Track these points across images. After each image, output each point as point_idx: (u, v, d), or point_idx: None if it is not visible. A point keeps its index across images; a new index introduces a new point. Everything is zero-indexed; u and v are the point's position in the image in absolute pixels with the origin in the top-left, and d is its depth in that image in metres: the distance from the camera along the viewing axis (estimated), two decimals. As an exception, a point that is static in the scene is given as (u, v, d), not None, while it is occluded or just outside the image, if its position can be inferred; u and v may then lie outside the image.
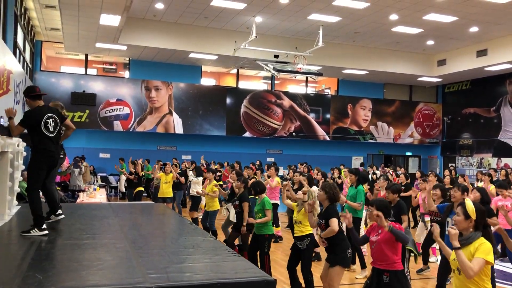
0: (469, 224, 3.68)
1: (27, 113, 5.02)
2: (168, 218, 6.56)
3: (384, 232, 4.40)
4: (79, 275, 3.32)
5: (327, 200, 5.32)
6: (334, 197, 5.33)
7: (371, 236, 4.59)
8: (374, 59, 18.76)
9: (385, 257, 4.40)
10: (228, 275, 3.43)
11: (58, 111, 5.24)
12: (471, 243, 3.59)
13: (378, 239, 4.46)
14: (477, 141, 21.18)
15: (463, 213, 3.72)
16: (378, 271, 4.44)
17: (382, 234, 4.43)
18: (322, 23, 15.20)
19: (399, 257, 4.44)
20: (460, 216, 3.72)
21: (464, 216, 3.70)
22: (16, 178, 6.49)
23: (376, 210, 4.49)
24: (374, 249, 4.52)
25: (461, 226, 3.69)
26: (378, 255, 4.45)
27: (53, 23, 15.51)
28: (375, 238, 4.50)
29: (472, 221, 3.67)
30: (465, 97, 21.86)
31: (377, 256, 4.46)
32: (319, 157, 20.68)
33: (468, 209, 3.70)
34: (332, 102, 21.51)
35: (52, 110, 5.10)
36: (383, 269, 4.40)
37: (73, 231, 5.09)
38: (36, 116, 4.93)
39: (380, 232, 4.46)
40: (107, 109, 18.19)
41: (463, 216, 3.71)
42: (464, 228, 3.68)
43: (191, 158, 18.43)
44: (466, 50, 18.08)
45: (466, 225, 3.68)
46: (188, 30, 16.23)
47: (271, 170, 10.60)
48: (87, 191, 12.18)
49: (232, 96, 19.94)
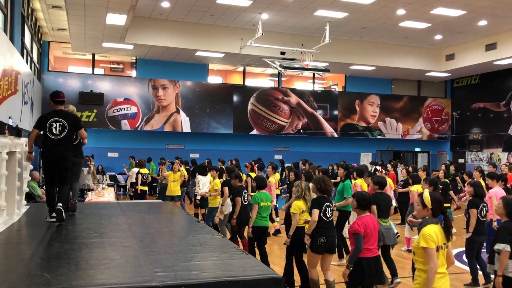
0: (427, 212, 4.10)
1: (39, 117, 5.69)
2: (176, 217, 6.56)
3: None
4: (87, 274, 3.32)
5: (318, 191, 5.74)
6: (324, 189, 5.72)
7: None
8: (382, 55, 18.65)
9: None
10: (236, 273, 3.42)
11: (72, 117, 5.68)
12: (421, 228, 4.04)
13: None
14: (487, 136, 20.99)
15: (421, 203, 4.14)
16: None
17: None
18: (328, 19, 15.12)
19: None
20: (419, 206, 4.16)
21: (422, 205, 4.13)
22: (25, 178, 6.53)
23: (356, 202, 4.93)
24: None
25: (421, 214, 4.16)
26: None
27: (60, 24, 15.58)
28: None
29: (429, 209, 4.08)
30: (474, 91, 21.66)
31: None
32: (327, 154, 20.61)
33: (425, 199, 4.11)
34: (340, 99, 21.41)
35: (62, 115, 5.54)
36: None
37: (81, 230, 5.11)
38: (42, 119, 5.52)
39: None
40: (115, 108, 18.25)
41: (421, 205, 4.14)
42: (423, 216, 4.12)
43: (199, 157, 18.48)
44: (475, 44, 17.90)
45: (425, 214, 4.12)
46: (194, 28, 16.23)
47: (268, 168, 10.87)
48: (96, 190, 12.23)
49: (239, 94, 19.92)
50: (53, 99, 5.63)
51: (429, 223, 4.00)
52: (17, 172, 5.79)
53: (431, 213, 4.07)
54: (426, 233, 3.93)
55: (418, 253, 3.99)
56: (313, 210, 5.64)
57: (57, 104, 5.63)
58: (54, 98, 5.63)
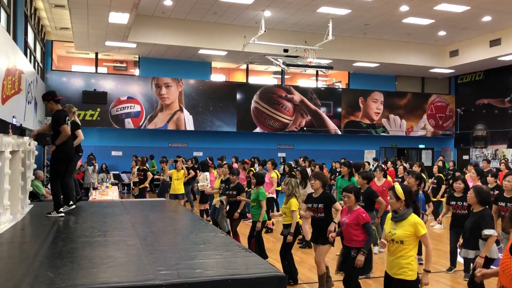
0: (400, 204, 4.37)
1: (62, 112, 5.81)
2: (180, 215, 6.56)
3: (351, 216, 5.16)
4: (90, 272, 3.32)
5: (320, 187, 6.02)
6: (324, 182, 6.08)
7: (341, 218, 5.33)
8: (385, 52, 18.57)
9: (352, 237, 5.13)
10: (239, 271, 3.41)
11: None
12: (406, 218, 4.33)
13: (347, 222, 5.18)
14: (492, 132, 20.90)
15: (394, 196, 4.39)
16: (347, 248, 5.19)
17: (349, 218, 5.18)
18: (331, 16, 15.07)
19: (363, 237, 5.10)
20: (392, 199, 4.41)
21: (395, 198, 4.38)
22: (28, 177, 6.54)
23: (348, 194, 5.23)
24: (344, 229, 5.23)
25: (395, 206, 4.40)
26: (347, 235, 5.20)
27: (63, 23, 15.59)
28: (345, 220, 5.21)
29: (402, 201, 4.36)
30: (479, 88, 21.56)
31: (347, 236, 5.21)
32: (331, 151, 20.58)
33: (397, 191, 4.37)
34: (343, 96, 21.36)
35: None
36: (352, 247, 5.12)
37: (85, 228, 5.11)
38: (63, 116, 5.77)
39: (348, 216, 5.21)
40: (118, 107, 18.28)
41: (394, 198, 4.39)
42: (397, 208, 4.39)
43: (203, 155, 18.48)
44: (479, 40, 17.80)
45: (398, 205, 4.38)
46: (197, 26, 16.21)
47: (268, 164, 11.09)
48: (100, 188, 12.25)
49: (242, 92, 19.90)
50: (56, 99, 5.92)
51: (411, 212, 4.36)
52: (21, 171, 5.81)
53: (404, 204, 4.36)
54: (419, 221, 4.33)
55: (408, 241, 4.26)
56: (337, 204, 5.99)
57: (58, 103, 5.94)
58: (56, 97, 5.94)
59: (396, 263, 4.32)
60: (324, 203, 5.90)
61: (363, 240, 5.11)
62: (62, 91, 16.45)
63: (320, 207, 5.91)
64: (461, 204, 6.63)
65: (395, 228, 4.35)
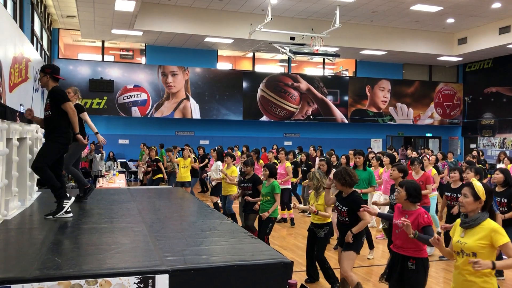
0: (478, 205, 3.51)
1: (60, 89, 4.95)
2: (186, 202, 6.59)
3: (410, 218, 4.10)
4: (97, 258, 3.35)
5: (346, 186, 5.14)
6: (351, 183, 5.14)
7: (395, 219, 4.30)
8: (393, 39, 18.41)
9: (411, 244, 4.10)
10: (245, 257, 3.43)
11: None
12: (479, 224, 3.45)
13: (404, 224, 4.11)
14: (500, 121, 20.73)
15: (472, 194, 3.53)
16: (402, 258, 4.17)
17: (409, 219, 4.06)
18: (338, 3, 14.93)
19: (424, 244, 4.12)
20: (468, 198, 3.53)
21: (473, 197, 3.52)
22: (36, 164, 6.56)
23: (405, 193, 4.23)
24: (398, 234, 4.22)
25: (470, 207, 3.53)
26: (403, 241, 4.16)
27: (69, 10, 15.57)
28: (400, 222, 4.11)
29: (481, 202, 3.51)
30: (487, 76, 21.35)
31: (402, 242, 4.17)
32: (337, 140, 20.54)
33: (477, 190, 3.52)
34: (350, 84, 21.24)
35: None
36: (409, 256, 4.13)
37: (92, 215, 5.15)
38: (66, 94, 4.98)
39: (406, 217, 4.09)
40: (125, 95, 18.30)
41: (472, 197, 3.53)
42: (472, 210, 3.52)
43: (209, 143, 18.51)
44: (488, 27, 17.58)
45: (475, 207, 3.52)
46: (203, 14, 16.13)
47: (281, 154, 10.41)
48: (107, 176, 12.33)
49: (249, 80, 19.84)
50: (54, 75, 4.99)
51: (486, 217, 3.50)
52: (28, 158, 5.85)
53: (483, 206, 3.53)
54: (498, 227, 3.42)
55: (483, 253, 3.37)
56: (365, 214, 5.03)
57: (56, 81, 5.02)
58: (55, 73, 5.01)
59: (468, 285, 3.43)
60: (349, 207, 5.07)
61: (422, 248, 4.15)
62: (69, 80, 16.49)
63: (343, 210, 5.11)
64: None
65: (464, 236, 3.50)
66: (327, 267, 5.79)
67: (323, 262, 5.81)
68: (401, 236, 4.17)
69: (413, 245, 4.11)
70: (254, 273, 3.24)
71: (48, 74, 4.91)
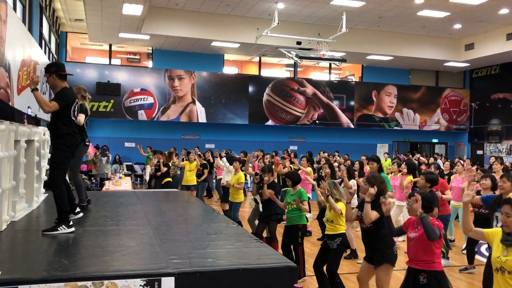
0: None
1: (64, 90, 4.48)
2: (192, 205, 6.60)
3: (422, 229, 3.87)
4: (103, 260, 3.36)
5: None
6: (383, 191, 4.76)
7: (408, 232, 4.08)
8: (399, 45, 18.39)
9: (423, 256, 3.91)
10: (251, 261, 3.43)
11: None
12: None
13: (416, 236, 3.95)
14: (507, 127, 20.62)
15: None
16: (414, 271, 3.97)
17: (421, 231, 3.88)
18: (345, 8, 14.94)
19: (439, 257, 3.95)
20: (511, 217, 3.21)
21: None
22: (43, 166, 6.62)
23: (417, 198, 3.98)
24: (411, 247, 4.01)
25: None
26: (415, 254, 3.96)
27: (77, 14, 15.69)
28: (413, 234, 3.98)
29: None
30: (494, 82, 21.25)
31: (413, 255, 3.98)
32: (343, 145, 20.48)
33: None
34: (356, 89, 21.21)
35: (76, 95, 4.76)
36: (420, 269, 3.92)
37: (98, 217, 5.17)
38: (71, 96, 4.50)
39: (419, 229, 3.91)
40: (132, 98, 18.38)
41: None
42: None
43: (215, 147, 18.53)
44: (496, 33, 17.52)
45: None
46: (210, 18, 16.20)
47: (303, 161, 10.05)
48: (113, 179, 12.37)
49: (255, 84, 19.87)
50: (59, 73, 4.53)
51: None
52: (36, 160, 5.88)
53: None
54: None
55: None
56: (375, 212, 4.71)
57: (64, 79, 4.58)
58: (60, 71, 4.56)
59: None
60: None
61: (435, 261, 3.93)
62: (76, 83, 16.51)
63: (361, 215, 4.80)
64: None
65: (506, 254, 3.21)
66: (338, 282, 5.39)
67: (334, 276, 5.38)
68: (413, 248, 4.01)
69: (425, 257, 3.91)
70: (260, 277, 3.23)
71: (53, 73, 4.48)
